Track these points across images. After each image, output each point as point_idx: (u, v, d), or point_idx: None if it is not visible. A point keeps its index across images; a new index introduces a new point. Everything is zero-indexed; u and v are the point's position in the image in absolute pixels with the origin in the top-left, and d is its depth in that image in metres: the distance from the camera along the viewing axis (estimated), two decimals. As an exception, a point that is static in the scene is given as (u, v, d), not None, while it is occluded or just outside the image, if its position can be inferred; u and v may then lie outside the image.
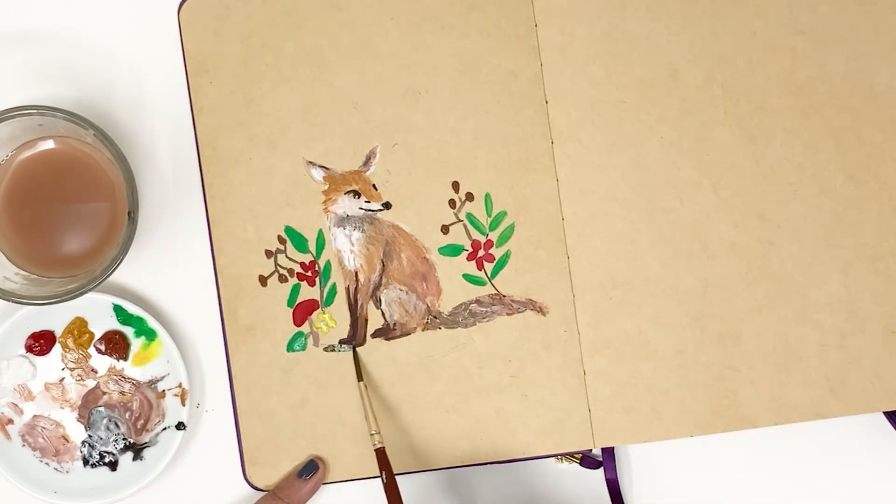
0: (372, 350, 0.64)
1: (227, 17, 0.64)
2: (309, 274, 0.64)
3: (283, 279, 0.64)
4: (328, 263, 0.64)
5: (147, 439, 0.64)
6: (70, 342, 0.63)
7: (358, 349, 0.64)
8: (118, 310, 0.63)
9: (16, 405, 0.64)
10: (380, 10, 0.64)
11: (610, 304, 0.64)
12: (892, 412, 0.65)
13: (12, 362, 0.63)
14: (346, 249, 0.64)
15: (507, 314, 0.64)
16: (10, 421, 0.64)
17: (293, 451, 0.64)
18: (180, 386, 0.64)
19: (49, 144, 0.61)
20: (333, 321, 0.64)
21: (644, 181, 0.64)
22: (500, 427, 0.64)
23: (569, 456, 0.65)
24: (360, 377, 0.64)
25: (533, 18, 0.64)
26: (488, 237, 0.64)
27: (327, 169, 0.64)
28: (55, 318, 0.63)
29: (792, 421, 0.64)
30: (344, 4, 0.64)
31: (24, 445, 0.64)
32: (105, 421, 0.64)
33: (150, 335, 0.64)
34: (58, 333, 0.64)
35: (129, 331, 0.64)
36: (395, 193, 0.64)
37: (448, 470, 0.65)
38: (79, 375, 0.64)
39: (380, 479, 0.62)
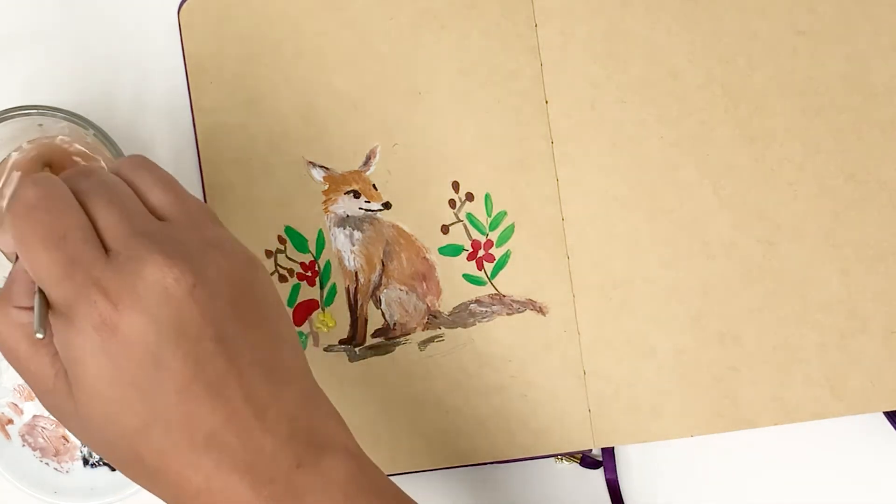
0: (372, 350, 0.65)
1: (227, 17, 0.64)
2: (309, 274, 0.64)
3: (283, 279, 0.64)
4: (328, 263, 0.64)
5: (147, 439, 0.64)
6: (70, 342, 0.63)
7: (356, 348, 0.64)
8: (118, 310, 0.63)
9: (16, 405, 0.64)
10: (380, 10, 0.64)
11: (610, 304, 0.64)
12: (892, 412, 0.65)
13: (12, 362, 0.63)
14: (346, 249, 0.64)
15: (507, 314, 0.64)
16: (10, 421, 0.64)
17: (293, 451, 0.64)
18: (180, 386, 0.64)
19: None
20: (333, 321, 0.64)
21: (644, 181, 0.64)
22: (500, 427, 0.64)
23: (569, 456, 0.65)
24: None
25: (533, 18, 0.64)
26: (488, 237, 0.64)
27: (327, 169, 0.64)
28: (55, 318, 0.63)
29: (792, 421, 0.64)
30: (344, 4, 0.64)
31: (24, 445, 0.64)
32: (105, 421, 0.64)
33: (150, 335, 0.63)
34: (58, 333, 0.64)
35: (129, 331, 0.64)
36: (395, 193, 0.64)
37: (448, 470, 0.65)
38: (79, 375, 0.64)
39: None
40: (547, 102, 0.64)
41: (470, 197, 0.64)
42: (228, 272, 0.45)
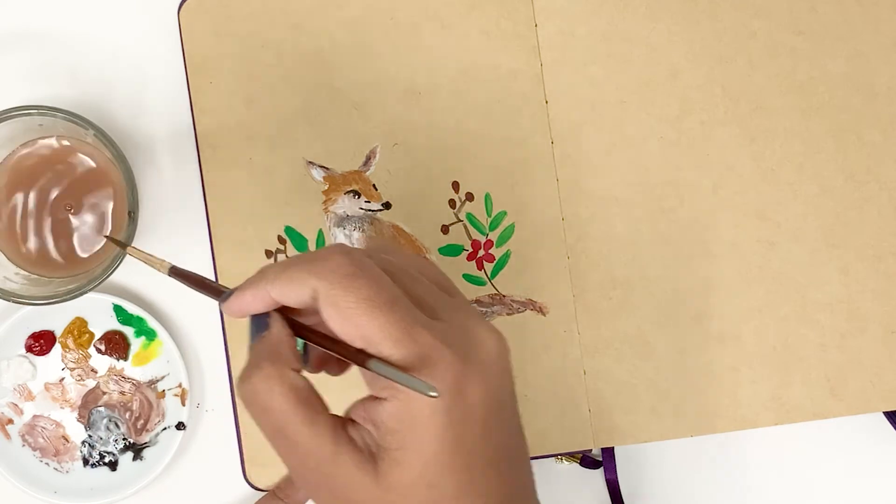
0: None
1: (227, 17, 0.63)
2: (309, 274, 0.64)
3: (283, 279, 0.64)
4: (328, 263, 0.64)
5: (147, 439, 0.64)
6: (70, 342, 0.63)
7: None
8: (118, 310, 0.63)
9: (16, 405, 0.64)
10: (380, 10, 0.64)
11: (610, 304, 0.64)
12: (892, 412, 0.65)
13: (12, 362, 0.63)
14: (346, 249, 0.64)
15: (507, 314, 0.64)
16: (10, 421, 0.64)
17: (293, 451, 0.64)
18: (180, 386, 0.64)
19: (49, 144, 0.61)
20: (333, 321, 0.64)
21: (644, 181, 0.64)
22: (500, 427, 0.64)
23: (569, 456, 0.65)
24: None
25: (533, 18, 0.64)
26: (488, 237, 0.64)
27: (327, 169, 0.64)
28: (55, 318, 0.63)
29: (792, 421, 0.64)
30: (344, 4, 0.64)
31: (24, 445, 0.64)
32: (105, 421, 0.64)
33: (150, 335, 0.64)
34: (58, 333, 0.64)
35: (129, 331, 0.64)
36: (395, 193, 0.64)
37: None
38: (79, 375, 0.64)
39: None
40: (547, 102, 0.64)
41: (470, 197, 0.64)
42: None
